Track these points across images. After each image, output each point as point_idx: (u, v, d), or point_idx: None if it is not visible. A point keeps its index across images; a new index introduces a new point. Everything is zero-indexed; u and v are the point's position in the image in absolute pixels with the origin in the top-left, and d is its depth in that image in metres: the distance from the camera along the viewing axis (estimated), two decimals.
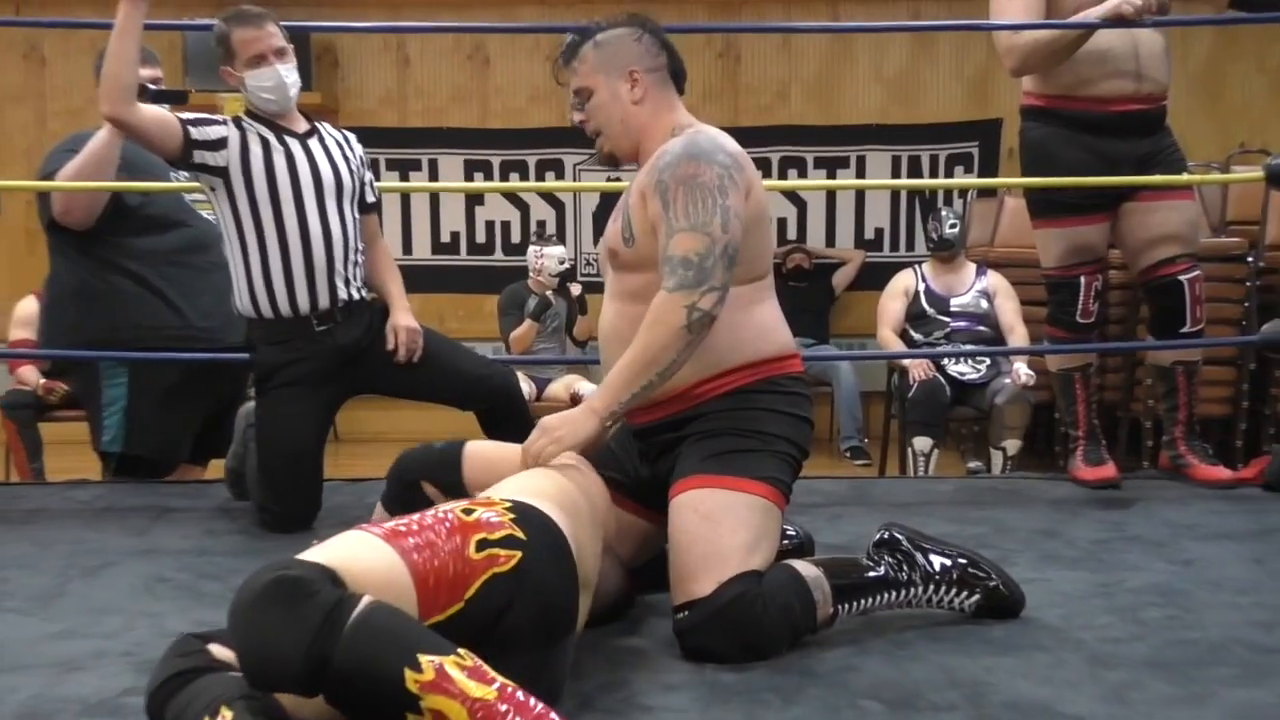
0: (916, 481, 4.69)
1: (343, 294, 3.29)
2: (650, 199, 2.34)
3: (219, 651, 1.73)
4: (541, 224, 7.66)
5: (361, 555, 1.71)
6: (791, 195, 7.51)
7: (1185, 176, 3.58)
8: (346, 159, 3.35)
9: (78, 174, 3.52)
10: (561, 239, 6.98)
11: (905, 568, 2.35)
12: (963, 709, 1.98)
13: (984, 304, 5.53)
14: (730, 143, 2.40)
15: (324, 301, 3.26)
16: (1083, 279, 3.59)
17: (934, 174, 7.44)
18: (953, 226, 5.63)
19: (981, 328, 5.47)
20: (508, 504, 1.90)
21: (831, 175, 7.43)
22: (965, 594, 2.39)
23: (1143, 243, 3.60)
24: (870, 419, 6.81)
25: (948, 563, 2.38)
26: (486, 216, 7.94)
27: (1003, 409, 5.22)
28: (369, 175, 3.46)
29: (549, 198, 7.74)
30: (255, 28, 3.21)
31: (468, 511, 1.84)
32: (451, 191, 7.83)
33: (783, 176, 7.40)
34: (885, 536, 2.40)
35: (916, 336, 5.55)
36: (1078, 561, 2.88)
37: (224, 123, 3.21)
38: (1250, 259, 5.69)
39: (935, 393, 5.25)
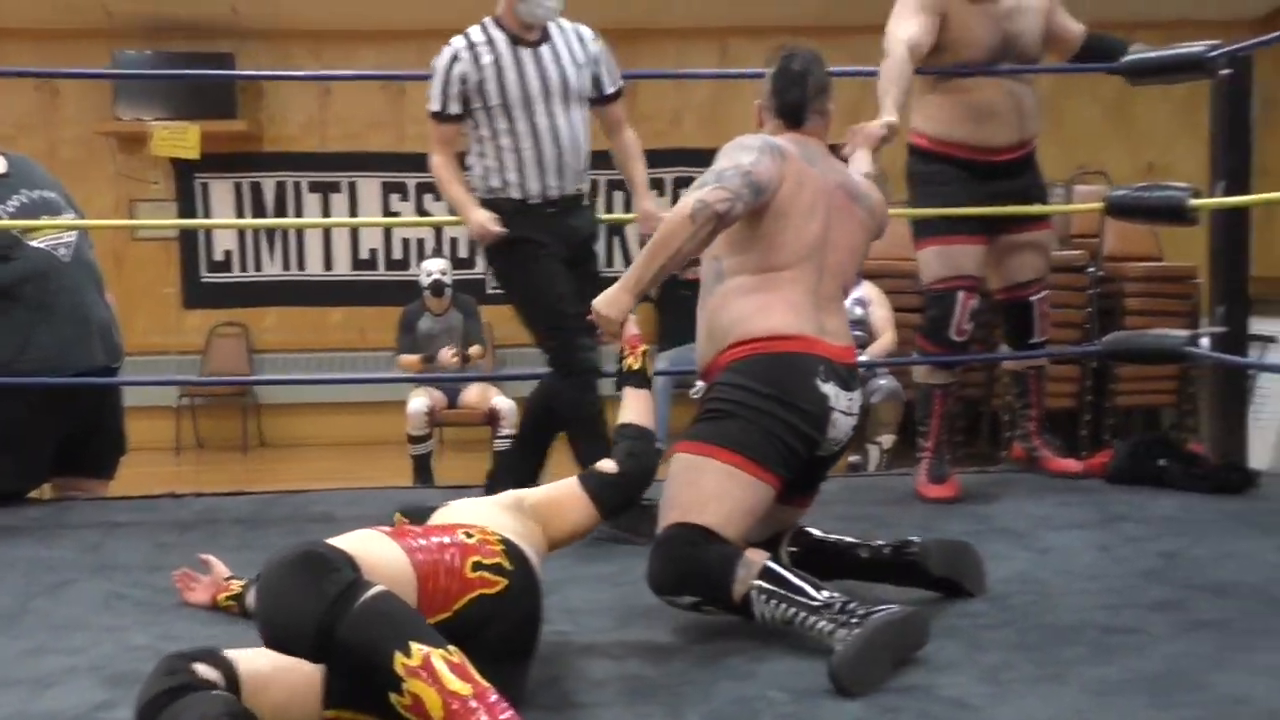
0: None
1: (569, 188, 3.37)
2: None
3: (203, 670, 1.74)
4: (420, 242, 7.79)
5: (375, 550, 1.79)
6: None
7: (1038, 207, 3.73)
8: (575, 61, 3.38)
9: None
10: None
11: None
12: (857, 695, 2.07)
13: (859, 310, 5.66)
14: (787, 145, 2.57)
15: (553, 191, 3.33)
16: (960, 294, 3.58)
17: None
18: None
19: (858, 332, 5.57)
20: (499, 538, 1.97)
21: None
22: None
23: (1006, 268, 3.74)
24: None
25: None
26: (402, 234, 7.91)
27: (878, 407, 5.35)
28: (604, 69, 3.48)
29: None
30: None
31: (469, 535, 1.92)
32: (369, 226, 7.83)
33: (676, 195, 7.48)
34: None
35: None
36: None
37: (465, 57, 3.29)
38: (1091, 269, 5.92)
39: None
